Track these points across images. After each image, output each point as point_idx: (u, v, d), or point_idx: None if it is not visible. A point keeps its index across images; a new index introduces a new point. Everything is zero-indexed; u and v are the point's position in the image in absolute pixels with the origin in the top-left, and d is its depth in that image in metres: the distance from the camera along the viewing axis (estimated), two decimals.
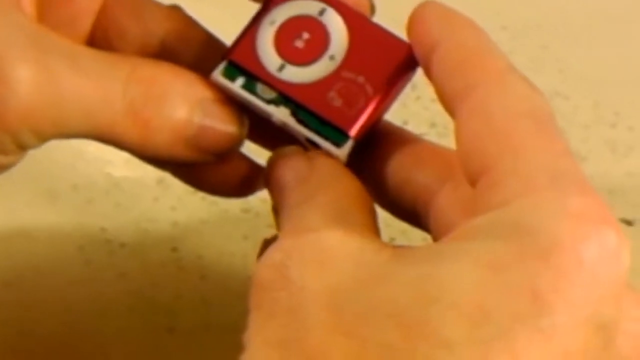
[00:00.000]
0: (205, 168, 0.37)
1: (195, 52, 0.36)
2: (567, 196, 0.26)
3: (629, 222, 0.49)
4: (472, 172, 0.28)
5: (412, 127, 0.52)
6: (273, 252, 0.28)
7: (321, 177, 0.32)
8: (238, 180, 0.37)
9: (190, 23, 0.37)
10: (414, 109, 0.35)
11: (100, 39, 0.36)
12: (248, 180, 0.37)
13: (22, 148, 0.34)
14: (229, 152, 0.35)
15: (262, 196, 0.49)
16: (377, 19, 0.35)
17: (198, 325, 0.46)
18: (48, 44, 0.33)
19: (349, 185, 0.31)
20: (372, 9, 0.35)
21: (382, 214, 0.33)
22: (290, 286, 0.27)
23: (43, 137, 0.34)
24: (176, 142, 0.34)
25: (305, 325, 0.26)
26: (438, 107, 0.32)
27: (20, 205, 0.50)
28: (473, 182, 0.28)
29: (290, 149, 0.33)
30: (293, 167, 0.32)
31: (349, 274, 0.26)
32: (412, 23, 0.32)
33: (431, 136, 0.52)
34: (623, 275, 0.26)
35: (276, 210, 0.33)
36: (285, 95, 0.33)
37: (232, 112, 0.34)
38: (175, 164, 0.36)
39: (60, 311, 0.46)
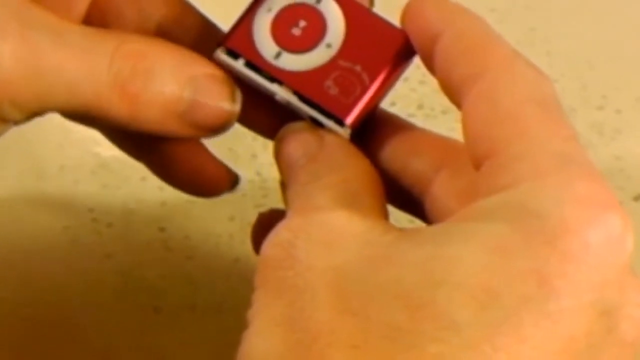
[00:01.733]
0: (177, 166, 0.37)
1: (192, 36, 0.36)
2: (574, 180, 0.26)
3: None
4: (478, 155, 0.28)
5: (400, 109, 0.52)
6: (281, 231, 0.28)
7: (331, 157, 0.32)
8: (205, 180, 0.38)
9: (187, 8, 0.37)
10: (402, 90, 0.35)
11: (96, 22, 0.36)
12: (215, 181, 0.38)
13: (4, 121, 0.34)
14: (222, 129, 0.35)
15: (249, 177, 0.50)
16: (376, 8, 0.35)
17: (184, 305, 0.46)
18: (32, 18, 0.33)
19: (358, 166, 0.31)
20: (372, 1, 0.35)
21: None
22: (297, 265, 0.27)
23: (26, 111, 0.34)
24: (167, 117, 0.34)
25: (311, 304, 0.26)
26: (425, 89, 0.32)
27: (8, 185, 0.50)
28: (478, 165, 0.28)
29: (300, 124, 0.33)
30: (303, 144, 0.32)
31: (355, 254, 0.27)
32: (409, 15, 0.32)
33: (418, 118, 0.52)
34: (627, 260, 0.26)
35: (284, 185, 0.33)
36: (281, 83, 0.33)
37: (226, 88, 0.34)
38: (168, 138, 0.37)
39: (47, 291, 0.46)
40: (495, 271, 0.25)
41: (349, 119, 0.33)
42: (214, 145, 0.48)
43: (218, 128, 0.35)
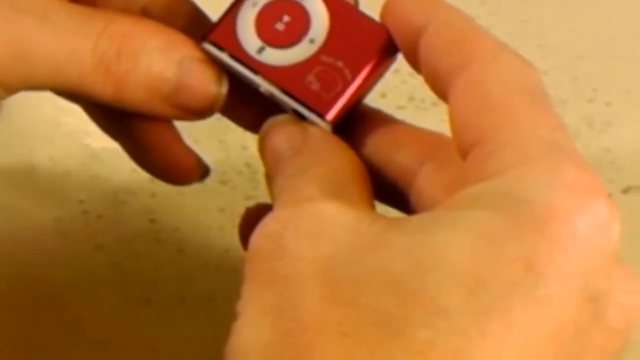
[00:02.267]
0: (150, 150, 0.38)
1: (181, 23, 0.36)
2: (561, 168, 0.26)
3: None
4: (465, 144, 0.28)
5: (390, 101, 0.52)
6: (269, 222, 0.28)
7: (316, 149, 0.32)
8: (175, 167, 0.38)
9: None
10: (392, 82, 0.35)
11: (84, 1, 0.36)
12: (185, 169, 0.38)
13: None
14: (208, 112, 0.35)
15: (239, 168, 0.50)
16: (362, 6, 0.35)
17: (175, 297, 0.46)
18: (21, 1, 0.33)
19: (343, 157, 0.31)
20: (356, 1, 0.35)
21: None
22: (286, 256, 0.27)
23: (10, 89, 0.34)
24: (153, 98, 0.34)
25: (300, 294, 0.26)
26: (416, 81, 0.32)
27: None
28: (466, 154, 0.28)
29: (284, 117, 0.33)
30: (288, 136, 0.33)
31: (344, 243, 0.27)
32: (389, 11, 0.32)
33: (409, 109, 0.52)
34: (613, 247, 0.26)
35: (270, 178, 0.33)
36: (263, 77, 0.33)
37: (212, 71, 0.35)
38: (155, 118, 0.37)
39: (37, 282, 0.46)
40: (483, 258, 0.25)
41: (330, 115, 0.33)
42: (204, 136, 0.49)
43: (204, 111, 0.35)
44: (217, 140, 0.50)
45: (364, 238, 0.27)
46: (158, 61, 0.34)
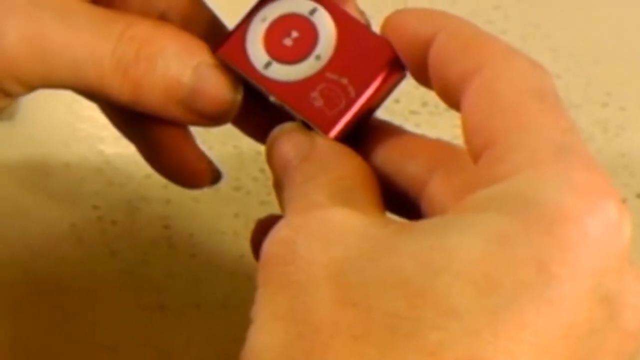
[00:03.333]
0: (163, 152, 0.38)
1: (198, 30, 0.37)
2: (571, 169, 0.26)
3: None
4: (477, 147, 0.28)
5: (404, 106, 0.52)
6: (281, 229, 0.28)
7: (323, 156, 0.32)
8: (188, 171, 0.38)
9: (195, 2, 0.37)
10: (406, 87, 0.35)
11: (103, 2, 0.37)
12: (197, 173, 0.38)
13: (8, 95, 0.35)
14: (223, 118, 0.36)
15: (253, 174, 0.50)
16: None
17: (188, 303, 0.46)
18: None
19: (351, 164, 0.32)
20: (363, 13, 0.35)
21: None
22: (298, 261, 0.27)
23: (29, 87, 0.34)
24: (169, 102, 0.35)
25: (312, 298, 0.26)
26: None
27: (13, 183, 0.50)
28: (477, 157, 0.29)
29: (291, 125, 0.33)
30: (295, 144, 0.33)
31: (355, 247, 0.27)
32: (393, 27, 0.32)
33: (423, 115, 0.52)
34: (625, 248, 0.26)
35: (279, 186, 0.33)
36: (268, 93, 0.34)
37: (228, 78, 0.35)
38: (171, 122, 0.37)
39: (52, 288, 0.46)
40: (494, 259, 0.25)
41: (332, 133, 0.33)
42: (219, 141, 0.49)
43: (219, 117, 0.35)
44: (231, 146, 0.50)
45: (375, 242, 0.27)
46: (175, 65, 0.34)
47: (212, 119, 0.35)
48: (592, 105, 0.54)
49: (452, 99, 0.30)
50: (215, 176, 0.39)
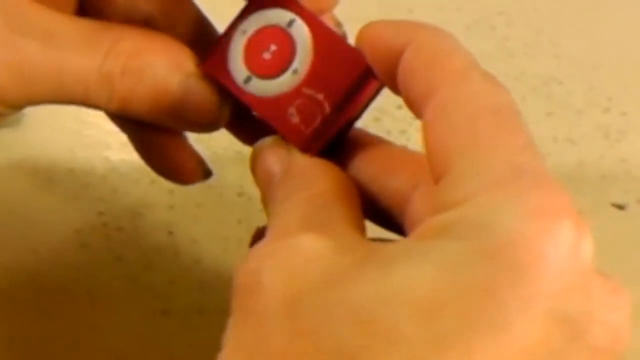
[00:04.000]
0: (154, 149, 0.38)
1: (184, 32, 0.37)
2: (525, 191, 0.26)
3: (620, 207, 0.49)
4: (436, 172, 0.28)
5: (407, 112, 0.52)
6: (249, 260, 0.28)
7: (300, 172, 0.32)
8: (179, 168, 0.38)
9: (180, 3, 0.37)
10: None
11: (89, 7, 0.37)
12: (188, 170, 0.38)
13: None
14: (212, 127, 0.36)
15: None
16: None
17: (192, 309, 0.46)
18: (23, 22, 0.33)
19: (328, 178, 0.31)
20: (339, 23, 0.35)
21: None
22: (261, 292, 0.27)
23: (15, 108, 0.35)
24: (157, 113, 0.35)
25: (271, 329, 0.26)
26: None
27: (19, 189, 0.51)
28: (437, 180, 0.28)
29: (271, 139, 0.33)
30: (276, 160, 0.33)
31: (315, 277, 0.27)
32: (365, 37, 0.32)
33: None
34: (587, 265, 0.26)
35: (263, 200, 0.33)
36: (248, 108, 0.34)
37: (215, 89, 0.35)
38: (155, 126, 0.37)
39: (56, 293, 0.46)
40: (443, 287, 0.25)
41: (307, 151, 0.32)
42: (221, 147, 0.49)
43: (208, 126, 0.36)
44: (234, 152, 0.50)
45: (335, 271, 0.27)
46: (162, 78, 0.34)
47: (202, 128, 0.36)
48: (593, 110, 0.54)
49: (418, 115, 0.30)
50: (205, 173, 0.39)
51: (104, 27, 0.35)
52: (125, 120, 0.37)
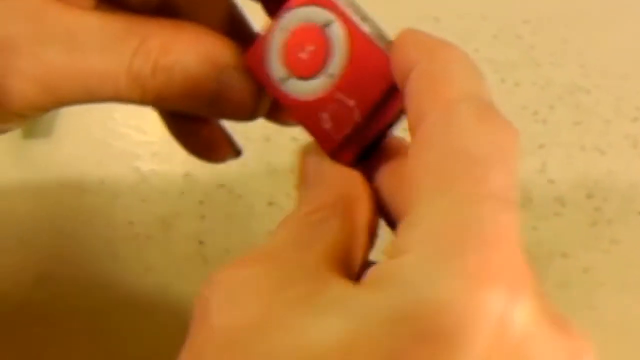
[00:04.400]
0: (185, 128, 0.37)
1: (214, 18, 0.36)
2: (468, 251, 0.24)
3: None
4: (403, 210, 0.27)
5: None
6: (206, 284, 0.27)
7: (321, 179, 0.31)
8: (210, 146, 0.38)
9: None
10: None
11: None
12: (219, 149, 0.38)
13: (23, 118, 0.34)
14: (251, 118, 0.35)
15: (286, 190, 0.50)
16: None
17: None
18: (46, 27, 0.33)
19: (339, 190, 0.30)
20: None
21: None
22: (205, 322, 0.26)
23: (44, 111, 0.34)
24: (191, 105, 0.34)
25: None
26: None
27: (50, 200, 0.51)
28: (402, 219, 0.27)
29: (309, 146, 0.33)
30: (308, 165, 0.32)
31: (253, 314, 0.26)
32: (396, 46, 0.30)
33: None
34: (517, 334, 0.24)
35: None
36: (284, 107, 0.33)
37: (253, 82, 0.34)
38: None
39: (87, 302, 0.47)
40: (352, 346, 0.24)
41: (335, 158, 0.32)
42: (252, 159, 0.49)
43: (246, 117, 0.35)
44: (264, 162, 0.50)
45: (273, 309, 0.26)
46: (195, 74, 0.33)
47: (239, 119, 0.35)
48: (622, 120, 0.54)
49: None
50: (235, 151, 0.38)
51: (129, 24, 0.34)
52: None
